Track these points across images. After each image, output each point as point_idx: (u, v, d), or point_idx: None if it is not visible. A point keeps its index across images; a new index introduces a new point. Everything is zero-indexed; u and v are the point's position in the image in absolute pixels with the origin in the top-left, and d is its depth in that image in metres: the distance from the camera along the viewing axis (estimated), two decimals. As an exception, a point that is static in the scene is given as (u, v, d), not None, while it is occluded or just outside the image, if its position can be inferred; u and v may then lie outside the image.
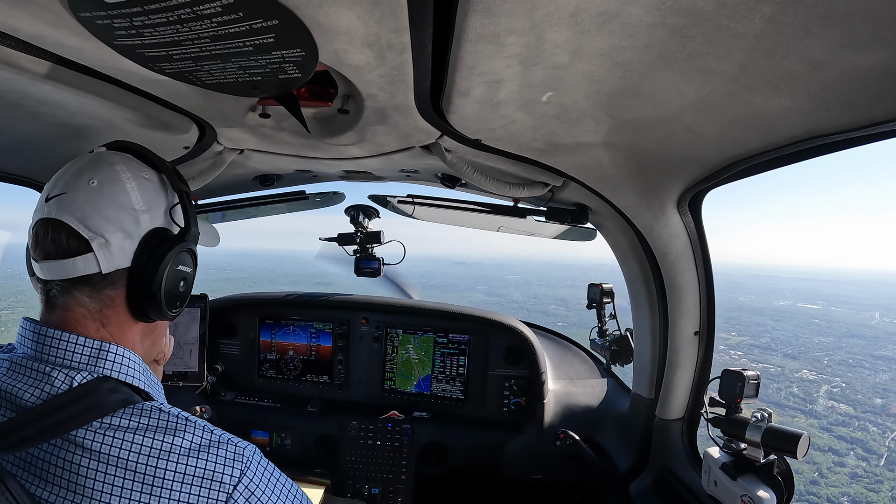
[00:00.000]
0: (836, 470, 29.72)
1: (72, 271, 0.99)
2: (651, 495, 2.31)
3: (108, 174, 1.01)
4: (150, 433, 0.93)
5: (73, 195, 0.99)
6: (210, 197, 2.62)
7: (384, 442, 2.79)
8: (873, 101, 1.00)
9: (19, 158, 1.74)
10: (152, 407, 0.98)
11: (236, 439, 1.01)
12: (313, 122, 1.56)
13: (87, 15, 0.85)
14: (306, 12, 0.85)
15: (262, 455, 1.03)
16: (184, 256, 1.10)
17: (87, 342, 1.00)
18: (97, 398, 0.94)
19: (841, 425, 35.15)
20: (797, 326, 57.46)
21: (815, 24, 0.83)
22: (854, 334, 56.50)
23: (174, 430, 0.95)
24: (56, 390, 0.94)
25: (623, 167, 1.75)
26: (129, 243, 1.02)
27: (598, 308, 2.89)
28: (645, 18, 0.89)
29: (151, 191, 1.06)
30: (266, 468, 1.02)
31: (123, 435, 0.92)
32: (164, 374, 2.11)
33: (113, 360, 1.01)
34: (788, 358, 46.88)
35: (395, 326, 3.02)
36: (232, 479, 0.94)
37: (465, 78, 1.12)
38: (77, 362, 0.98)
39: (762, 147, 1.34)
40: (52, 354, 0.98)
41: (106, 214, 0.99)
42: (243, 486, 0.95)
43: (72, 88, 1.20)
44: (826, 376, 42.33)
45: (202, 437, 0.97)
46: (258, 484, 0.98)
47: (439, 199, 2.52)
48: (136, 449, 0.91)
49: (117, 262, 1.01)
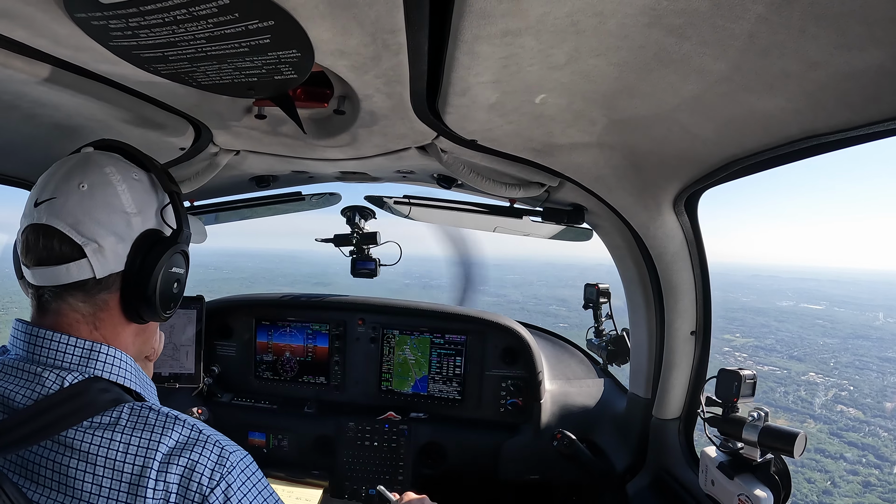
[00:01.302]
0: (848, 479, 28.41)
1: (65, 277, 0.98)
2: (648, 495, 2.31)
3: (98, 177, 1.00)
4: (137, 432, 0.93)
5: (63, 200, 0.98)
6: (206, 198, 2.62)
7: (381, 443, 2.79)
8: (869, 100, 1.01)
9: (15, 160, 1.73)
10: (142, 406, 0.97)
11: (224, 441, 0.99)
12: (309, 124, 1.56)
13: (82, 16, 0.85)
14: (302, 13, 0.84)
15: (250, 461, 1.01)
16: (177, 258, 1.10)
17: (79, 343, 0.99)
18: (88, 398, 0.93)
19: (851, 430, 33.97)
20: (801, 328, 56.89)
21: (810, 24, 0.83)
22: (859, 335, 55.92)
23: (161, 428, 0.94)
24: (47, 391, 0.94)
25: (619, 167, 1.76)
26: (122, 247, 1.01)
27: (595, 308, 2.90)
28: (640, 19, 0.89)
29: (142, 192, 1.05)
30: (250, 477, 0.99)
31: (112, 434, 0.92)
32: (161, 375, 2.11)
33: (104, 360, 1.01)
34: (794, 360, 46.18)
35: (391, 327, 3.01)
36: (210, 482, 0.93)
37: (461, 78, 1.12)
38: (68, 363, 0.98)
39: (758, 147, 1.35)
40: (43, 355, 0.98)
41: (98, 219, 0.98)
42: (220, 491, 0.93)
43: (68, 90, 1.19)
44: (833, 379, 41.61)
45: (189, 435, 0.96)
46: (236, 491, 0.95)
47: (435, 199, 2.52)
48: (123, 448, 0.91)
49: (111, 266, 1.00)
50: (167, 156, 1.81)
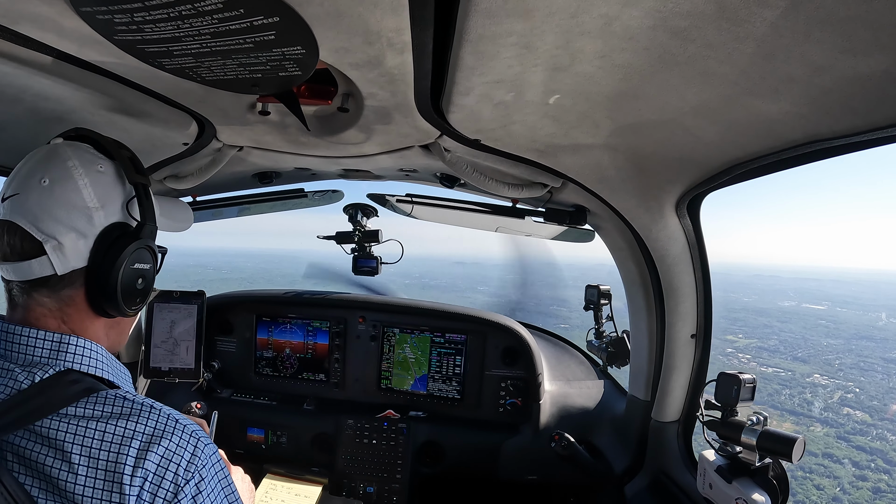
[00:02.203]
0: (858, 485, 27.54)
1: (28, 273, 0.99)
2: (646, 497, 2.31)
3: (60, 171, 1.00)
4: (112, 420, 0.93)
5: (25, 196, 0.99)
6: (208, 194, 2.62)
7: (380, 441, 2.79)
8: (873, 105, 1.00)
9: (18, 154, 1.73)
10: (116, 395, 0.98)
11: (199, 432, 1.00)
12: (313, 120, 1.56)
13: (87, 10, 0.85)
14: (307, 10, 0.84)
15: (218, 456, 1.03)
16: (141, 253, 1.07)
17: (49, 336, 1.00)
18: (59, 391, 0.94)
19: (858, 434, 32.94)
20: (804, 328, 56.14)
21: (815, 28, 0.83)
22: (863, 336, 55.21)
23: (137, 416, 0.95)
24: (20, 386, 0.94)
25: (622, 169, 1.75)
26: (84, 243, 1.00)
27: (596, 310, 2.90)
28: (646, 21, 0.89)
29: (106, 184, 1.04)
30: (218, 472, 1.02)
31: (87, 423, 0.92)
32: (160, 370, 2.11)
33: (74, 352, 1.01)
34: (798, 361, 45.35)
35: (392, 325, 3.01)
36: (186, 474, 0.94)
37: (466, 78, 1.12)
38: (39, 357, 0.98)
39: (761, 151, 1.35)
40: (14, 351, 0.98)
41: (57, 216, 0.98)
42: (193, 484, 0.95)
43: (72, 83, 1.20)
44: (839, 381, 40.70)
45: (166, 424, 0.96)
46: (207, 485, 0.97)
47: (438, 198, 2.52)
48: (99, 437, 0.92)
49: (72, 263, 1.00)
50: (170, 151, 1.81)
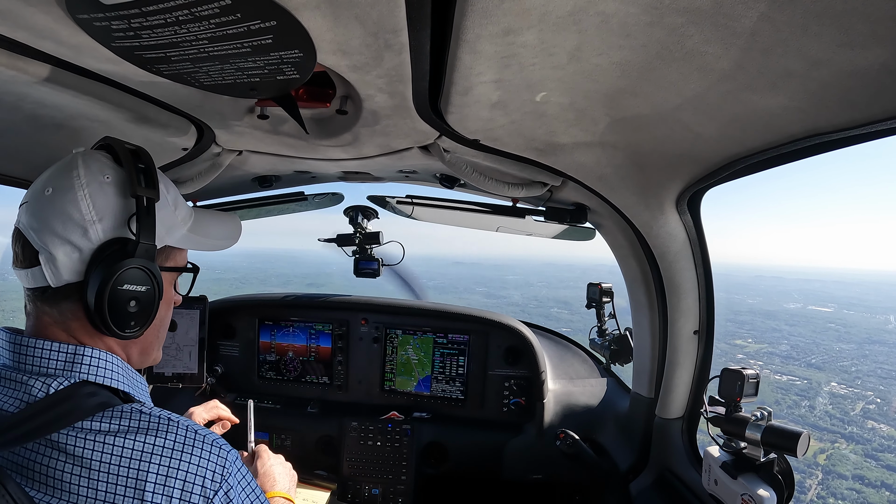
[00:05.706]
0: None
1: (28, 281, 0.99)
2: (651, 494, 2.31)
3: (64, 181, 0.98)
4: (130, 435, 0.92)
5: (32, 204, 0.98)
6: (208, 198, 2.62)
7: (384, 443, 2.79)
8: (871, 99, 1.00)
9: (18, 161, 1.73)
10: (132, 409, 0.97)
11: (219, 440, 0.99)
12: (311, 124, 1.56)
13: (84, 17, 0.85)
14: (304, 13, 0.85)
15: (239, 460, 1.02)
16: (132, 274, 0.99)
17: (62, 347, 0.98)
18: (74, 403, 0.93)
19: (886, 451, 30.53)
20: (814, 332, 55.10)
21: (812, 22, 0.83)
22: (875, 340, 54.12)
23: (155, 431, 0.94)
24: (34, 398, 0.93)
25: (621, 166, 1.75)
26: (79, 257, 0.97)
27: (598, 307, 2.90)
28: (643, 18, 0.89)
29: (109, 196, 0.99)
30: (245, 475, 1.01)
31: (104, 439, 0.91)
32: (164, 375, 2.11)
33: (89, 363, 0.99)
34: (813, 368, 43.91)
35: (394, 327, 3.01)
36: (213, 485, 0.94)
37: (464, 78, 1.12)
38: (53, 369, 0.97)
39: (761, 146, 1.35)
40: (28, 363, 0.97)
41: (53, 227, 0.96)
42: (223, 493, 0.94)
43: (70, 90, 1.20)
44: (858, 390, 38.66)
45: (185, 436, 0.95)
46: (235, 491, 0.97)
47: (438, 199, 2.52)
48: (118, 452, 0.90)
49: (65, 276, 0.97)
50: (170, 156, 1.81)
